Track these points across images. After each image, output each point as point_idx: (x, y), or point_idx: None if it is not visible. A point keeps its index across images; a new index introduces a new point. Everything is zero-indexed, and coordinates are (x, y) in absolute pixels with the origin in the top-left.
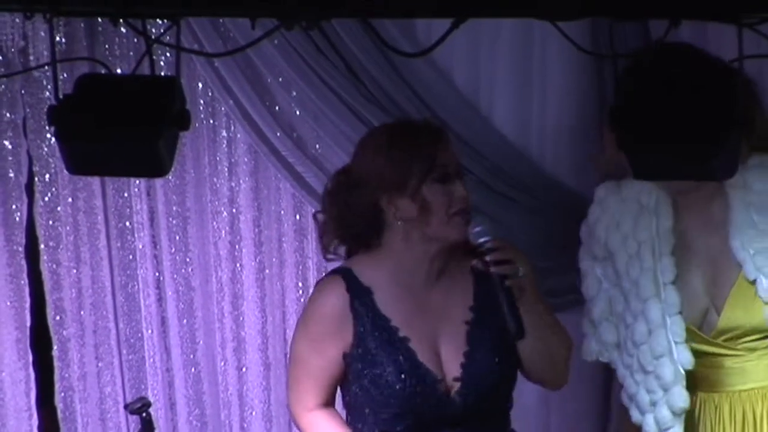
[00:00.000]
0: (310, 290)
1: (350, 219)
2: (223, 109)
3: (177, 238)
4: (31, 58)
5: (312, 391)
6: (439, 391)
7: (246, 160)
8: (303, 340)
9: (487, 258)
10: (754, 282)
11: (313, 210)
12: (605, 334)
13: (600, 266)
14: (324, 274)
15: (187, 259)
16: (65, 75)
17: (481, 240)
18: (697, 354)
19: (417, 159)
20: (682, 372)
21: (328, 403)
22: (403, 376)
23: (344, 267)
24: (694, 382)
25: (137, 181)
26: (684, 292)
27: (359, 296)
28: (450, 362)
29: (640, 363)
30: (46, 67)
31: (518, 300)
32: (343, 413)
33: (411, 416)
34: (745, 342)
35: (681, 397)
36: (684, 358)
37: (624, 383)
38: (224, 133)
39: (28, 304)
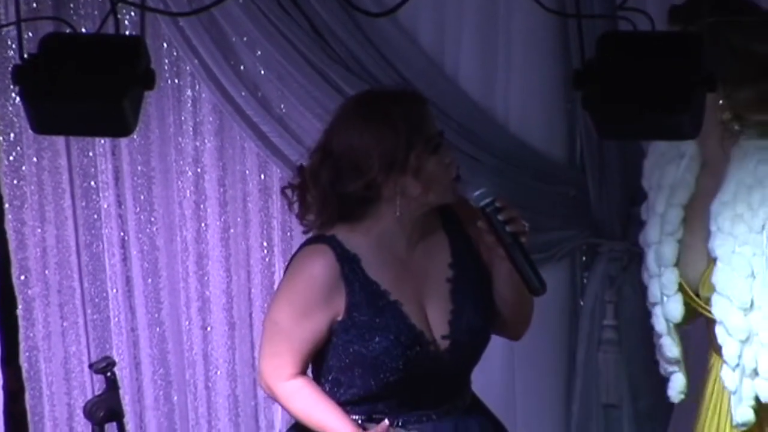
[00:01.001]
0: (275, 250)
1: (335, 198)
2: (187, 68)
3: (142, 197)
4: (3, 17)
5: (291, 362)
6: (430, 351)
7: (211, 119)
8: (286, 310)
9: (500, 217)
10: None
11: (278, 170)
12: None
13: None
14: (288, 233)
15: (152, 219)
16: (30, 34)
17: (486, 201)
18: (698, 314)
19: (413, 136)
20: (671, 324)
21: (304, 371)
22: (398, 339)
23: (329, 235)
24: (710, 343)
25: (102, 141)
26: (687, 247)
27: (347, 263)
28: (437, 321)
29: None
30: (11, 26)
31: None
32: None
33: (405, 377)
34: None
35: (670, 348)
36: (671, 311)
37: None
38: (189, 93)
39: None
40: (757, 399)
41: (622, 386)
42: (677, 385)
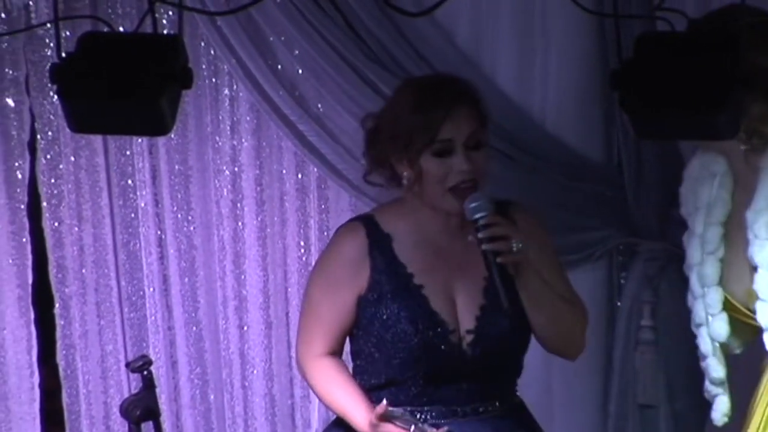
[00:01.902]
0: (312, 249)
1: (377, 164)
2: (225, 67)
3: (179, 196)
4: (34, 15)
5: (321, 338)
6: (451, 341)
7: (248, 118)
8: (317, 285)
9: (479, 235)
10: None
11: (315, 169)
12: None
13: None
14: (325, 232)
15: (189, 218)
16: (68, 33)
17: (476, 216)
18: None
19: (419, 129)
20: (716, 344)
21: (336, 351)
22: (415, 321)
23: (367, 214)
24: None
25: (139, 140)
26: (731, 264)
27: (378, 242)
28: (465, 314)
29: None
30: (49, 25)
31: (517, 275)
32: (350, 363)
33: (421, 364)
34: None
35: (715, 369)
36: (717, 330)
37: None
38: (226, 92)
39: (30, 262)
40: None
41: (659, 387)
42: (722, 408)
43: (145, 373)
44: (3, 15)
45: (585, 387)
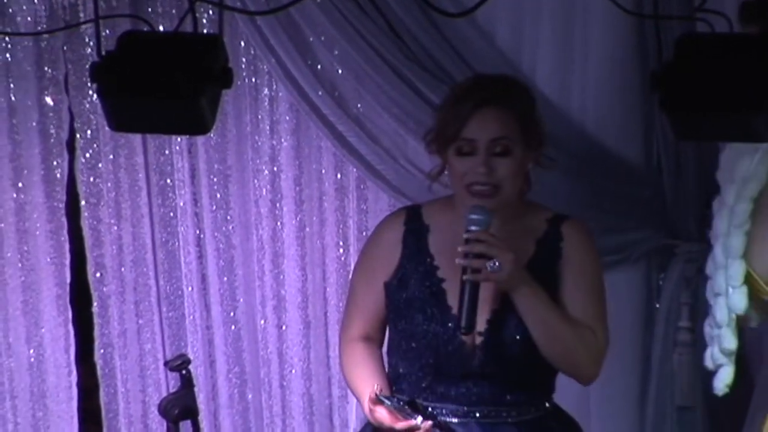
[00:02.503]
0: (351, 249)
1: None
2: (265, 67)
3: (218, 195)
4: (81, 14)
5: (356, 321)
6: (460, 340)
7: (287, 118)
8: (357, 270)
9: (459, 248)
10: None
11: (354, 169)
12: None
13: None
14: (364, 233)
15: (228, 217)
16: (107, 32)
17: (469, 227)
18: None
19: (448, 124)
20: (733, 316)
21: (372, 337)
22: (426, 311)
23: (416, 204)
24: None
25: (178, 139)
26: (757, 239)
27: (415, 231)
28: (480, 316)
29: (708, 296)
30: (89, 24)
31: (511, 292)
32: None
33: (429, 356)
34: None
35: (728, 339)
36: (736, 302)
37: None
38: (266, 92)
39: (68, 261)
40: None
41: (697, 388)
42: (726, 378)
43: (184, 372)
44: (43, 14)
45: (622, 389)
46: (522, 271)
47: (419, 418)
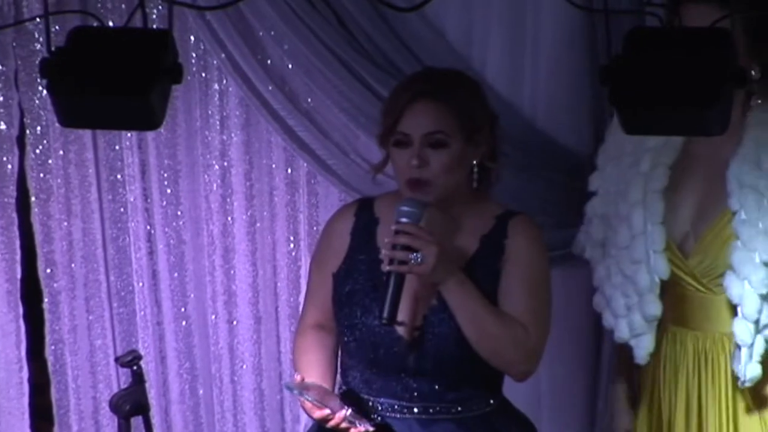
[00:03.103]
0: (301, 244)
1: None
2: (215, 62)
3: (168, 191)
4: (25, 10)
5: (310, 309)
6: (396, 335)
7: (238, 113)
8: (312, 257)
9: (386, 239)
10: (734, 214)
11: (305, 164)
12: (594, 231)
13: (612, 164)
14: (315, 227)
15: (178, 213)
16: (57, 27)
17: (398, 219)
18: (672, 281)
19: (386, 116)
20: (657, 281)
21: (325, 326)
22: (368, 305)
23: (369, 196)
24: (667, 313)
25: (129, 134)
26: (672, 206)
27: (364, 223)
28: (419, 311)
29: (620, 267)
30: (38, 19)
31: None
32: None
33: (369, 351)
34: (717, 280)
35: (653, 305)
36: (659, 267)
37: (600, 287)
38: (216, 87)
39: (18, 257)
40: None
41: None
42: (648, 345)
43: (135, 368)
44: None
45: (573, 383)
46: (449, 265)
47: (346, 410)
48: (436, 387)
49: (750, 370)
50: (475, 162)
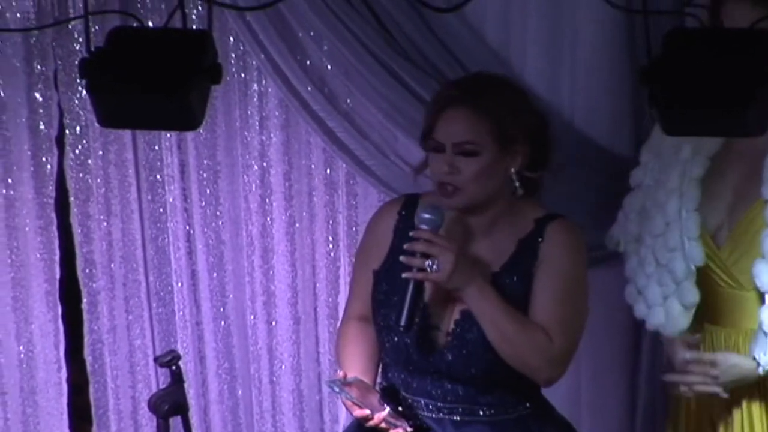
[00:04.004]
0: (340, 244)
1: None
2: (254, 63)
3: (207, 191)
4: (71, 11)
5: (354, 301)
6: (431, 337)
7: (277, 114)
8: (357, 250)
9: (405, 246)
10: (767, 202)
11: (344, 165)
12: (631, 226)
13: (654, 158)
14: (354, 228)
15: (218, 213)
16: (97, 28)
17: (419, 225)
18: (704, 276)
19: (425, 120)
20: (693, 268)
21: (369, 318)
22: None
23: (414, 193)
24: (703, 312)
25: (168, 135)
26: (708, 196)
27: (407, 221)
28: (454, 315)
29: (655, 255)
30: (78, 20)
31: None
32: None
33: (403, 353)
34: (747, 273)
35: (691, 292)
36: (695, 254)
37: (633, 277)
38: (255, 87)
39: (57, 257)
40: None
41: None
42: (681, 324)
43: (174, 368)
44: (31, 10)
45: (613, 383)
46: (468, 272)
47: (386, 411)
48: (470, 390)
49: None
50: (513, 170)
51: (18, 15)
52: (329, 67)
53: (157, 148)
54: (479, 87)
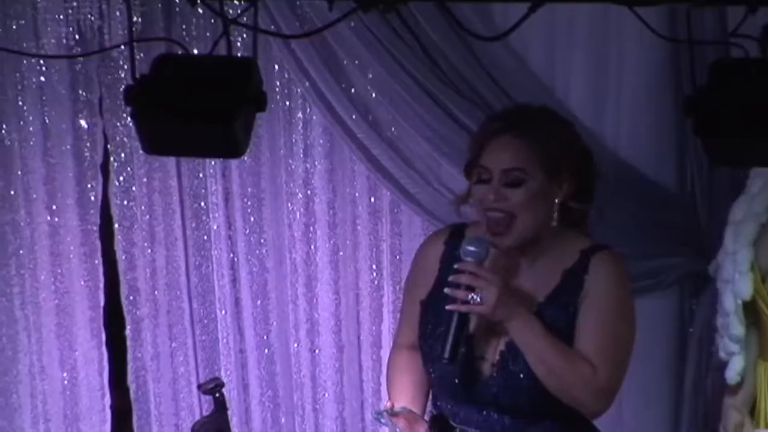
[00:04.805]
0: (384, 273)
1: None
2: (299, 90)
3: (251, 219)
4: (107, 37)
5: (404, 330)
6: (476, 367)
7: (321, 141)
8: (407, 278)
9: (450, 278)
10: None
11: (388, 193)
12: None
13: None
14: (398, 256)
15: (262, 240)
16: (141, 55)
17: (464, 258)
18: (756, 311)
19: (471, 148)
20: (739, 302)
21: (418, 347)
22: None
23: (462, 223)
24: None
25: (212, 162)
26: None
27: (455, 251)
28: (499, 345)
29: (717, 287)
30: (123, 47)
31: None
32: None
33: (449, 383)
34: None
35: (735, 326)
36: (741, 288)
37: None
38: (300, 115)
39: (102, 284)
40: None
41: None
42: (737, 367)
43: (217, 395)
44: (77, 37)
45: (656, 413)
46: (513, 305)
47: None
48: (518, 421)
49: None
50: (557, 201)
51: (63, 42)
52: (374, 95)
53: (201, 175)
54: (526, 117)
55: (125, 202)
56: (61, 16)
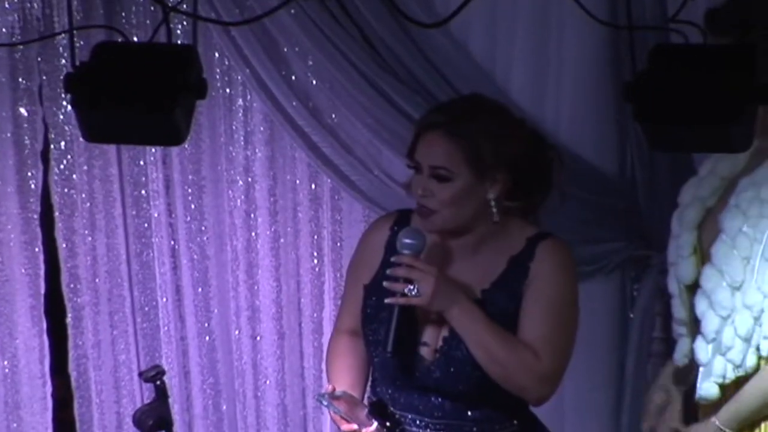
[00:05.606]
0: (325, 259)
1: None
2: (239, 78)
3: (192, 206)
4: (56, 26)
5: (345, 315)
6: (419, 354)
7: (262, 129)
8: (349, 264)
9: (387, 271)
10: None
11: (328, 180)
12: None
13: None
14: (338, 243)
15: (202, 228)
16: (82, 43)
17: (401, 250)
18: None
19: (412, 148)
20: (682, 286)
21: (359, 333)
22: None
23: (409, 208)
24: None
25: (153, 150)
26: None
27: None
28: (442, 332)
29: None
30: (63, 35)
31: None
32: None
33: (390, 368)
34: None
35: (677, 309)
36: (683, 272)
37: None
38: (240, 102)
39: (42, 272)
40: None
41: None
42: (682, 348)
43: (158, 383)
44: (17, 25)
45: (597, 399)
46: (452, 294)
47: (373, 425)
48: (458, 405)
49: (705, 389)
50: (492, 198)
51: (3, 30)
52: (314, 82)
53: (141, 163)
54: (464, 112)
55: (66, 190)
56: (7, 5)
